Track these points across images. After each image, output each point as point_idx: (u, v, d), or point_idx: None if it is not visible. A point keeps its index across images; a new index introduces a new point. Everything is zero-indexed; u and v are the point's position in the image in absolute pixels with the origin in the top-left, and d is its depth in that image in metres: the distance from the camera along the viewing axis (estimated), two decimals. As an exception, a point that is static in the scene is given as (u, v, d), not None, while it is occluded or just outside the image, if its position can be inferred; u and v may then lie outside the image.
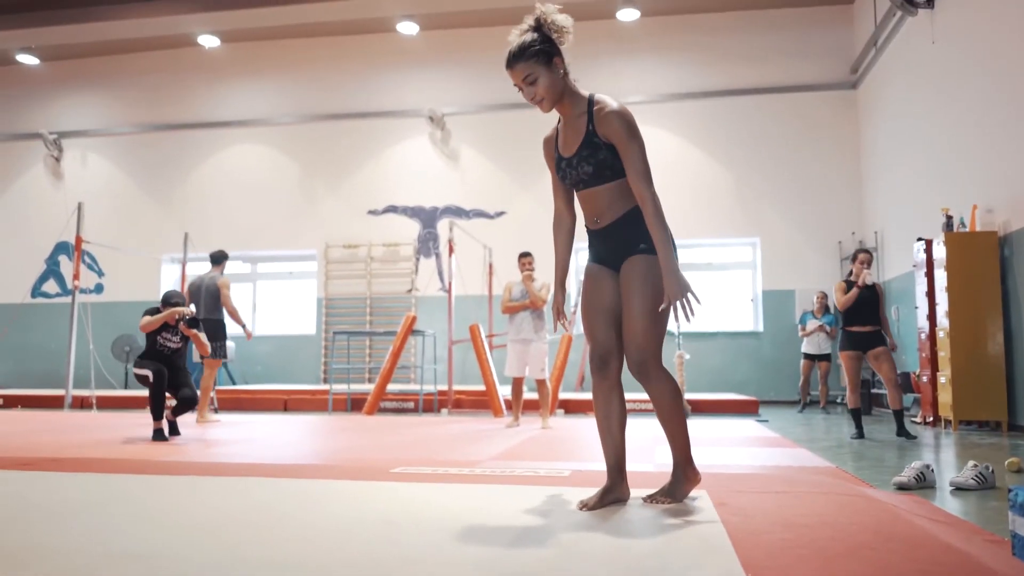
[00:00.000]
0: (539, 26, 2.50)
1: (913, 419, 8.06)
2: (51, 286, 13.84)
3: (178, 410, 6.00)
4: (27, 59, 13.57)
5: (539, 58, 2.48)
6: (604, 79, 12.17)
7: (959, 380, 6.89)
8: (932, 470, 3.69)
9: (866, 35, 10.81)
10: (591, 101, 2.55)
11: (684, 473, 2.62)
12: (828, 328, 9.66)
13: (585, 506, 2.46)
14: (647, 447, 5.10)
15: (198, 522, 2.25)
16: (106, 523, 2.23)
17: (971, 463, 3.59)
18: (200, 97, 13.58)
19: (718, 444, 5.48)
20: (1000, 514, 2.88)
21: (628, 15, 11.48)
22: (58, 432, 6.25)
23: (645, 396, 2.65)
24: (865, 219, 11.32)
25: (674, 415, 2.56)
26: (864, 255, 6.40)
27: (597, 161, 2.50)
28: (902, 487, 3.56)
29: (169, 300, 5.97)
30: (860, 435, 6.15)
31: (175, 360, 6.02)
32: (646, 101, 12.01)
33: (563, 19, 2.52)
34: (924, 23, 8.75)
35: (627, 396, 2.71)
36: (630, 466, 2.80)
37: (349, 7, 10.69)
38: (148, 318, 5.89)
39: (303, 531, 2.12)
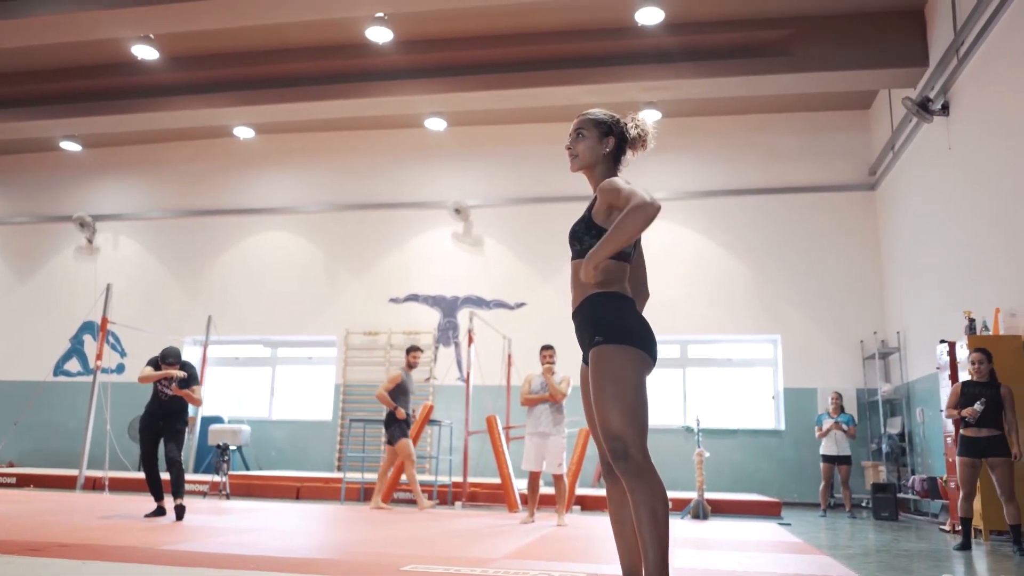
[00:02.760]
0: (628, 118, 2.73)
1: (942, 527, 7.78)
2: (73, 365, 13.97)
3: (174, 488, 6.15)
4: (69, 145, 14.12)
5: (598, 126, 2.67)
6: (627, 174, 12.42)
7: (988, 488, 6.68)
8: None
9: (884, 139, 11.01)
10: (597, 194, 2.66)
11: None
12: (845, 427, 9.43)
13: None
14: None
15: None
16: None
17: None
18: (232, 185, 14.01)
19: (740, 548, 5.31)
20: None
21: (649, 116, 11.78)
22: (66, 514, 6.19)
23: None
24: (887, 319, 11.25)
25: (651, 520, 2.26)
26: (976, 355, 6.07)
27: (579, 240, 2.61)
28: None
29: (166, 358, 6.45)
30: (965, 546, 5.77)
31: (172, 406, 6.46)
32: (668, 198, 12.20)
33: (648, 128, 2.71)
34: (940, 129, 8.92)
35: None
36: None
37: (379, 104, 11.09)
38: (148, 370, 6.44)
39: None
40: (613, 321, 2.47)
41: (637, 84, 10.27)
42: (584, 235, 2.57)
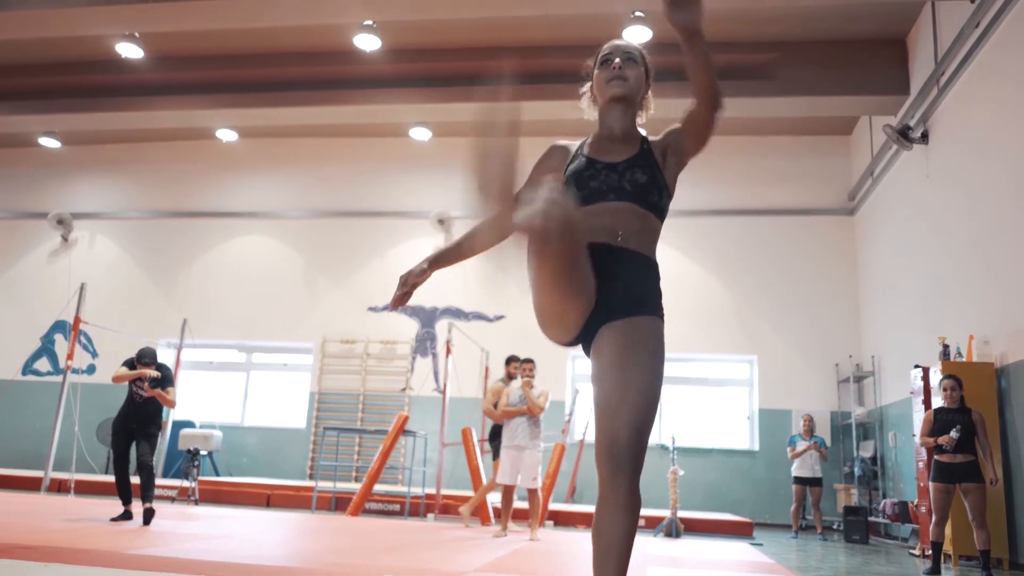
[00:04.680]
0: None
1: (911, 551, 7.83)
2: (43, 364, 13.73)
3: (143, 491, 6.12)
4: (48, 142, 13.95)
5: (645, 62, 2.29)
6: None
7: (959, 513, 6.73)
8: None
9: (863, 165, 11.16)
10: (645, 136, 2.25)
11: None
12: (821, 448, 9.48)
13: None
14: (637, 566, 4.93)
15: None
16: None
17: None
18: (213, 187, 13.89)
19: (712, 568, 5.31)
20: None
21: (634, 133, 11.87)
22: (30, 516, 6.06)
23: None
24: (863, 343, 11.35)
25: (623, 550, 1.95)
26: (948, 381, 6.08)
27: (653, 177, 2.13)
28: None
29: (142, 358, 6.48)
30: (935, 571, 5.78)
31: (147, 408, 6.45)
32: (648, 215, 12.27)
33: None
34: (919, 157, 9.05)
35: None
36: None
37: (365, 112, 11.07)
38: (123, 370, 6.46)
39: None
40: (660, 297, 2.11)
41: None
42: (656, 171, 2.14)
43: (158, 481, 10.32)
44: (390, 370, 12.70)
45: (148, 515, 6.01)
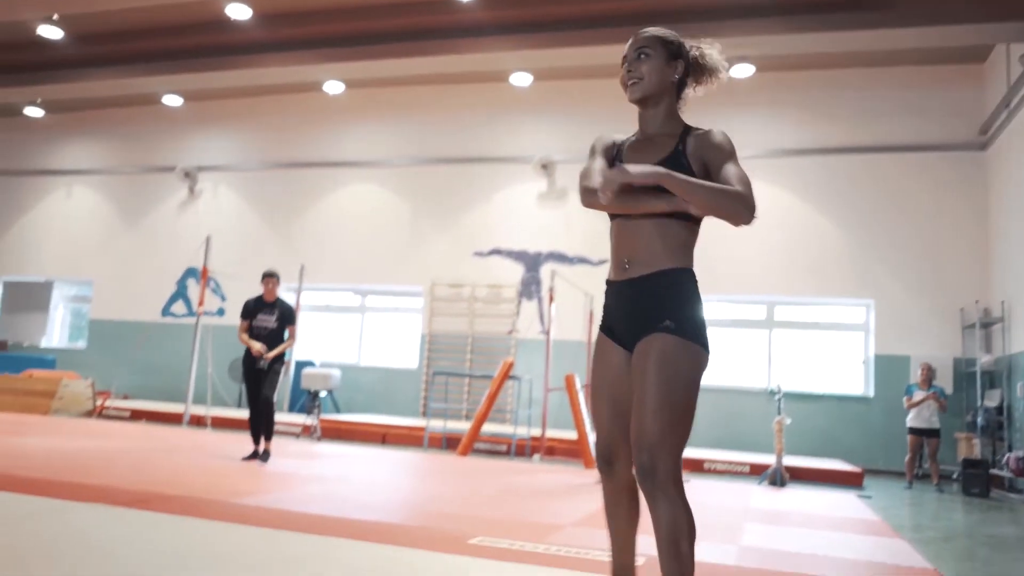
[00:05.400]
0: (691, 48, 2.25)
1: (1035, 509, 7.48)
2: (179, 307, 14.83)
3: (265, 429, 6.55)
4: (171, 99, 14.75)
5: (666, 46, 2.17)
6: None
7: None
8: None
9: (998, 96, 10.29)
10: (688, 128, 2.20)
11: None
12: (940, 399, 9.07)
13: None
14: (735, 523, 4.97)
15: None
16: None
17: None
18: (322, 138, 14.36)
19: (811, 524, 5.28)
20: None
21: (743, 71, 11.37)
22: (173, 452, 6.69)
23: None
24: (992, 287, 10.68)
25: (673, 553, 1.94)
26: None
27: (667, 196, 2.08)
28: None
29: (266, 276, 6.81)
30: None
31: (269, 344, 6.66)
32: (760, 156, 11.83)
33: (717, 59, 2.25)
34: (1062, 87, 8.28)
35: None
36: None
37: (465, 59, 11.10)
38: (243, 328, 6.74)
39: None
40: (692, 310, 2.06)
41: (726, 40, 9.89)
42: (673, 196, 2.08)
43: (285, 417, 11.10)
44: (496, 313, 12.98)
45: (265, 456, 6.51)
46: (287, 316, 6.82)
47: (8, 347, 15.38)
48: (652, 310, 2.04)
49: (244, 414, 11.71)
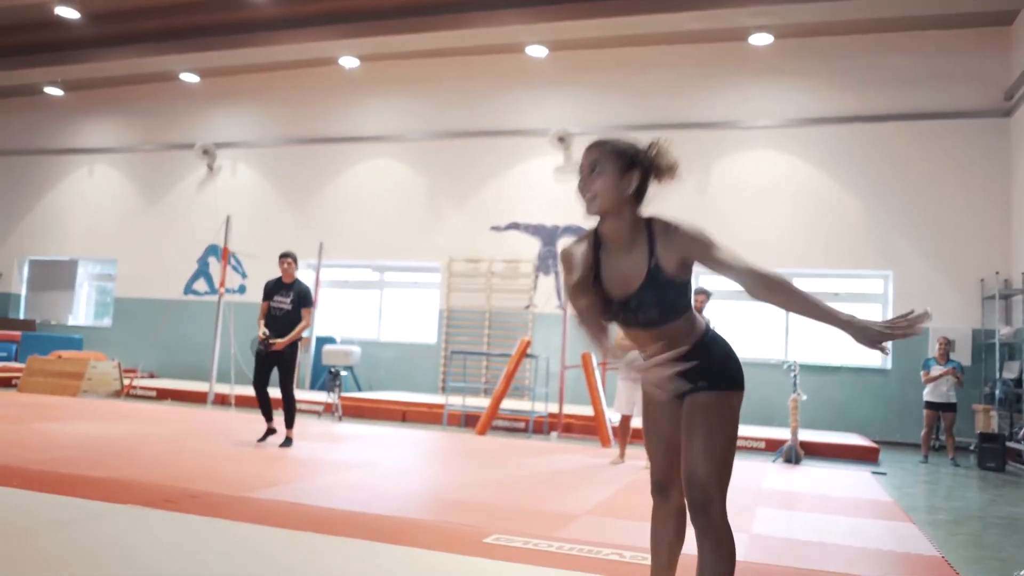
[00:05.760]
0: (648, 145, 2.21)
1: (1050, 485, 7.52)
2: (201, 285, 15.05)
3: (287, 418, 6.72)
4: (189, 77, 14.80)
5: (619, 158, 2.15)
6: (732, 103, 11.98)
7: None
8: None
9: None
10: (651, 226, 2.18)
11: None
12: (958, 374, 9.08)
13: None
14: (747, 504, 5.06)
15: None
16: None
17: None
18: (339, 113, 14.38)
19: (821, 508, 5.36)
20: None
21: (761, 39, 11.22)
22: (199, 438, 6.89)
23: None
24: (1013, 258, 10.58)
25: None
26: None
27: (664, 305, 2.16)
28: (1007, 598, 3.43)
29: (283, 257, 6.88)
30: None
31: (284, 325, 6.71)
32: (776, 125, 11.73)
33: (674, 158, 2.20)
34: (1087, 57, 8.11)
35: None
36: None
37: (480, 33, 11.05)
38: (261, 313, 6.85)
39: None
40: (719, 363, 2.21)
41: (744, 9, 9.77)
42: (665, 292, 2.15)
43: (306, 395, 11.32)
44: (514, 288, 13.06)
45: (287, 442, 6.69)
46: (303, 298, 6.86)
47: (36, 326, 15.73)
48: (687, 375, 2.12)
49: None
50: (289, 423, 6.81)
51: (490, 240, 13.23)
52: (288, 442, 6.74)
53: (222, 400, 11.23)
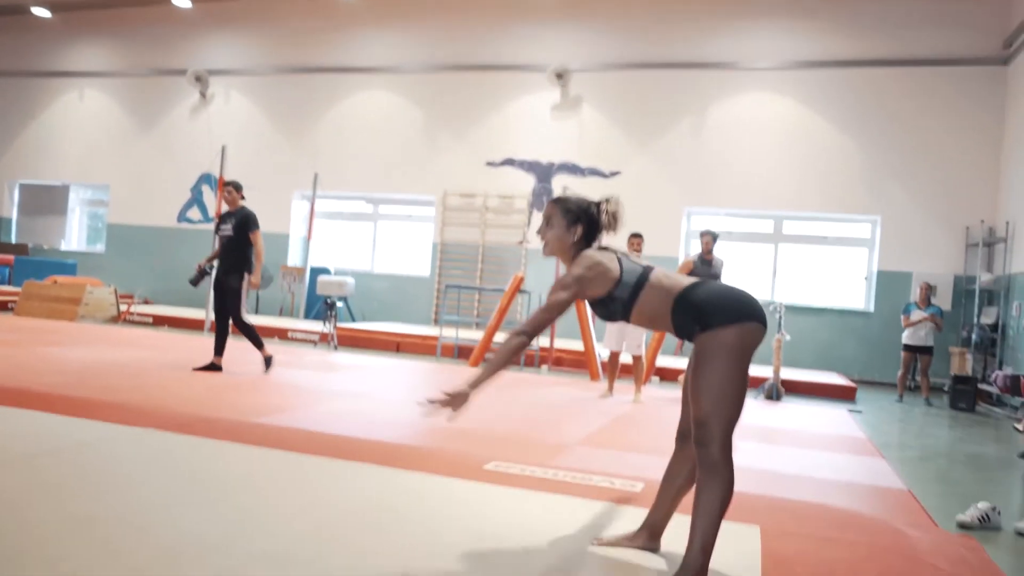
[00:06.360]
0: (598, 203, 2.67)
1: (1015, 426, 7.89)
2: (195, 213, 15.07)
3: (253, 344, 6.78)
4: (181, 1, 14.49)
5: (567, 214, 2.63)
6: (727, 45, 11.93)
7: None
8: (999, 512, 3.81)
9: None
10: None
11: (692, 570, 2.32)
12: (937, 319, 9.38)
13: (600, 543, 2.67)
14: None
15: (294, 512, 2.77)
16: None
17: (982, 504, 3.77)
18: (335, 43, 14.19)
19: (797, 443, 5.66)
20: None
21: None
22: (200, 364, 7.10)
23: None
24: (999, 207, 10.79)
25: (708, 513, 2.32)
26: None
27: (612, 311, 2.55)
28: (963, 526, 3.71)
29: (227, 184, 7.01)
30: None
31: (228, 256, 6.72)
32: (772, 68, 11.73)
33: (620, 211, 2.67)
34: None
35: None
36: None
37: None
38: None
39: (399, 534, 2.60)
40: (705, 312, 2.39)
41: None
42: (607, 306, 2.55)
43: (301, 325, 11.52)
44: (507, 223, 13.18)
45: (267, 362, 6.82)
46: (245, 222, 6.71)
47: (29, 251, 15.76)
48: (684, 329, 2.47)
49: (260, 320, 12.13)
50: (257, 346, 6.79)
51: (485, 175, 13.29)
52: (269, 361, 6.81)
53: (219, 328, 11.39)
